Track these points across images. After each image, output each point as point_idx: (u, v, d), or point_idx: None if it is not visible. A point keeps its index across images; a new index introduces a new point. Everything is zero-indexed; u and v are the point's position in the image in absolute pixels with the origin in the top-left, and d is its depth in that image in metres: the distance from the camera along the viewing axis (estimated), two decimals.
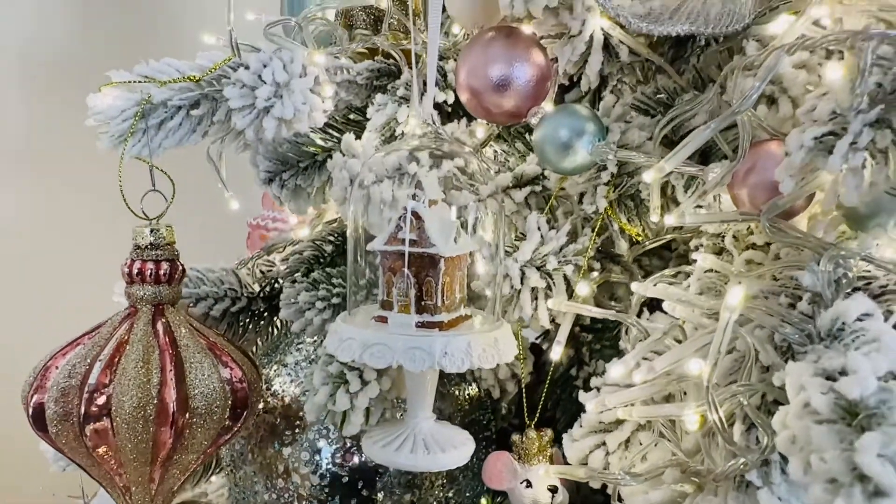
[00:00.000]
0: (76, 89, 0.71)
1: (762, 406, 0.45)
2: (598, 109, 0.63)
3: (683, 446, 0.49)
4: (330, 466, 0.66)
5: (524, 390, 0.64)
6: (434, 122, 0.56)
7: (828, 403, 0.34)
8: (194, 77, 0.63)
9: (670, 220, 0.53)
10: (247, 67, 0.61)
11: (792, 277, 0.47)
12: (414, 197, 0.55)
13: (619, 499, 0.51)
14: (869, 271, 0.48)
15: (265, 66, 0.62)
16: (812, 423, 0.34)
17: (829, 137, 0.45)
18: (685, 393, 0.49)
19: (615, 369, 0.50)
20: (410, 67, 0.61)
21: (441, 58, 0.76)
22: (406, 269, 0.54)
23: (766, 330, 0.44)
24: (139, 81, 0.62)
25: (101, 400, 0.58)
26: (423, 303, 0.54)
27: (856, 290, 0.48)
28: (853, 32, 0.45)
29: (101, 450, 0.59)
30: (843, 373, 0.37)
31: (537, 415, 0.62)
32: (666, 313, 0.56)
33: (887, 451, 0.32)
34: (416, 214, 0.53)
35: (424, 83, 0.58)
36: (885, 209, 0.50)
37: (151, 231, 0.64)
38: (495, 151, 0.75)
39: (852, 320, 0.41)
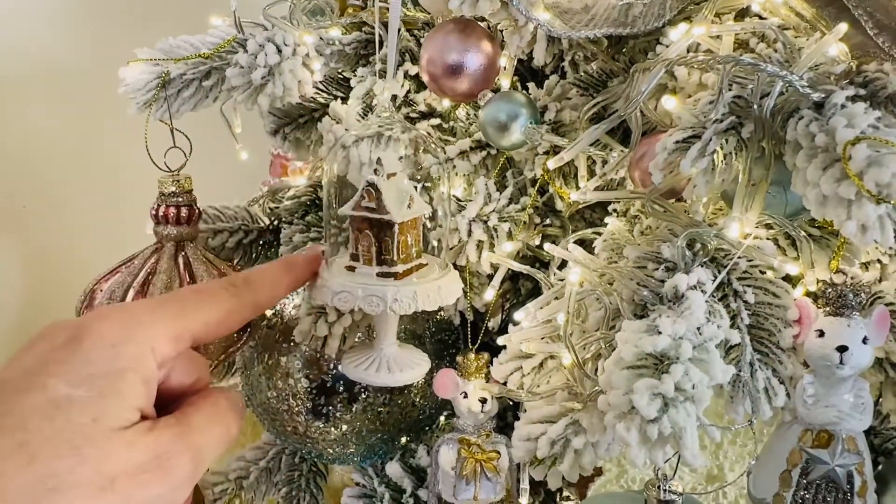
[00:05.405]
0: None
1: None
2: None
3: (575, 374, 0.63)
4: (317, 373, 0.82)
5: (468, 321, 0.78)
6: (392, 109, 0.68)
7: (632, 354, 0.48)
8: (205, 54, 0.76)
9: (575, 196, 0.65)
10: (245, 50, 0.73)
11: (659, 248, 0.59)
12: (375, 172, 0.68)
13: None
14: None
15: (261, 47, 0.74)
16: (618, 368, 0.48)
17: (693, 139, 0.56)
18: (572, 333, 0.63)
19: (519, 314, 0.64)
20: (383, 44, 0.72)
21: (421, 27, 0.87)
22: (368, 231, 0.67)
23: (629, 290, 0.57)
24: (160, 59, 0.75)
25: None
26: (382, 257, 0.68)
27: (713, 259, 0.60)
28: (715, 56, 0.55)
29: None
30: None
31: (479, 340, 0.76)
32: None
33: (660, 391, 0.46)
34: (375, 187, 0.67)
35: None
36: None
37: (173, 181, 0.78)
38: (467, 113, 0.87)
39: (684, 290, 0.54)
